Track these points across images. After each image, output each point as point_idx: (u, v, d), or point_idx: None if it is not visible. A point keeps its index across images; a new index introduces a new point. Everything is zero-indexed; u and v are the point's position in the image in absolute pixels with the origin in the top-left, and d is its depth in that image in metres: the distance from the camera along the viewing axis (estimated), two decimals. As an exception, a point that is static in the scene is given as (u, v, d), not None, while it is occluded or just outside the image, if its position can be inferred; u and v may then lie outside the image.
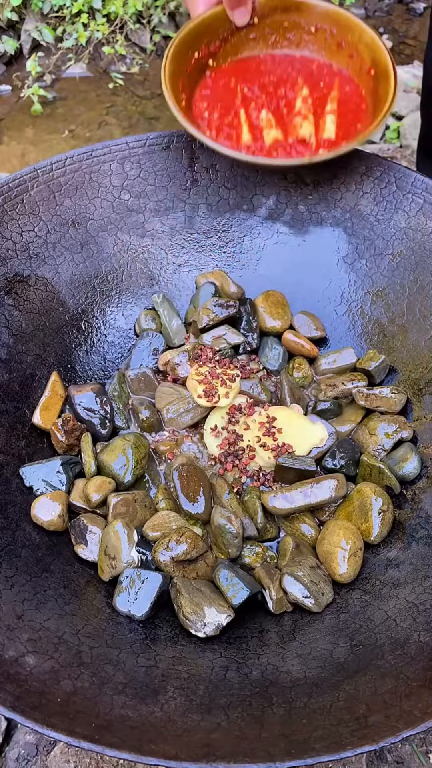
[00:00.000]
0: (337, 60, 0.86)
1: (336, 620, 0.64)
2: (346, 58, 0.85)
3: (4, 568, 0.62)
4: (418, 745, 0.72)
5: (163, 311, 0.88)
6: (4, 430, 0.74)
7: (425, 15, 2.63)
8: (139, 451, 0.74)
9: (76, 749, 0.70)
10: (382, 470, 0.72)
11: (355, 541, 0.68)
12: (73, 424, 0.76)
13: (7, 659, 0.53)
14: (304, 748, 0.47)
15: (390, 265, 0.85)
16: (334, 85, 0.84)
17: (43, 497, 0.70)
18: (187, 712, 0.52)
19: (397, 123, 1.99)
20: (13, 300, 0.80)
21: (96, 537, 0.69)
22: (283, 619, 0.65)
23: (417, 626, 0.59)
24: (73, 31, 2.34)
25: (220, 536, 0.68)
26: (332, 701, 0.53)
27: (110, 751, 0.47)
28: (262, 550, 0.70)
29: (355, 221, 0.87)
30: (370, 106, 0.82)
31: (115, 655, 0.58)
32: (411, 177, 0.83)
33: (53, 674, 0.53)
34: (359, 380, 0.82)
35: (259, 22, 0.84)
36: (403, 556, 0.68)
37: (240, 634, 0.64)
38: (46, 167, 0.83)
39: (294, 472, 0.73)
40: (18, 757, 0.71)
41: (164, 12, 2.34)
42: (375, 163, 0.85)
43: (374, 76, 0.82)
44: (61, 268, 0.84)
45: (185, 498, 0.70)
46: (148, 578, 0.63)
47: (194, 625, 0.62)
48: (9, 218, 0.81)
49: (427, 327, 0.80)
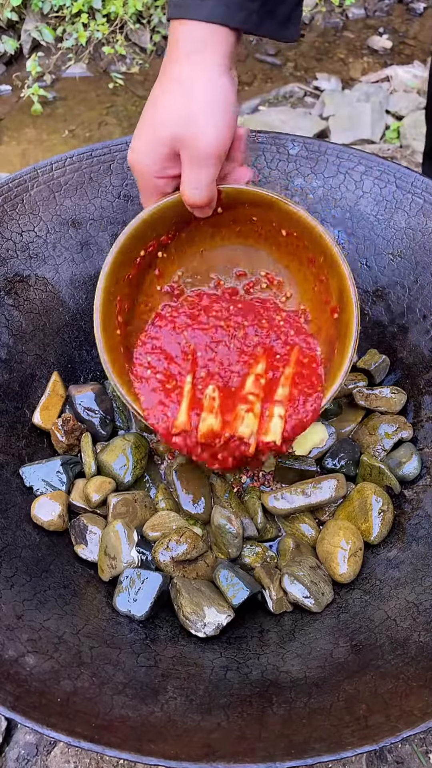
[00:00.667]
0: (303, 276, 0.73)
1: (336, 620, 0.64)
2: (312, 277, 0.72)
3: (4, 568, 0.62)
4: (418, 745, 0.72)
5: (163, 311, 0.88)
6: (4, 430, 0.74)
7: (425, 15, 2.63)
8: (139, 451, 0.74)
9: (76, 749, 0.70)
10: (382, 470, 0.72)
11: (355, 541, 0.68)
12: (73, 424, 0.76)
13: (7, 659, 0.53)
14: (304, 748, 0.47)
15: (390, 265, 0.85)
16: (290, 359, 0.70)
17: (43, 497, 0.70)
18: (187, 712, 0.52)
19: (397, 123, 1.99)
20: (13, 300, 0.80)
21: (96, 537, 0.69)
22: (283, 619, 0.65)
23: (417, 626, 0.59)
24: (73, 31, 2.34)
25: (220, 536, 0.68)
26: (332, 701, 0.53)
27: (110, 751, 0.47)
28: (262, 550, 0.70)
29: (355, 221, 0.87)
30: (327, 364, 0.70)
31: (115, 655, 0.58)
32: (411, 177, 0.83)
33: (53, 674, 0.53)
34: (359, 380, 0.82)
35: (223, 212, 0.69)
36: (403, 556, 0.68)
37: (240, 634, 0.64)
38: (46, 167, 0.83)
39: (294, 472, 0.73)
40: (18, 757, 0.71)
41: (164, 12, 2.34)
42: (375, 163, 0.85)
43: (336, 320, 0.69)
44: (61, 268, 0.84)
45: (185, 498, 0.70)
46: (148, 578, 0.63)
47: (194, 625, 0.62)
48: (9, 218, 0.81)
49: (427, 327, 0.80)
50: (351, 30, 2.62)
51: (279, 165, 0.90)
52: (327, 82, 2.37)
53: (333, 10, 2.65)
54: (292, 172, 0.89)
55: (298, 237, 0.69)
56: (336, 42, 2.58)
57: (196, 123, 0.58)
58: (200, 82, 0.58)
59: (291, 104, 2.30)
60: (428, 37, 2.54)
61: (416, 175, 0.83)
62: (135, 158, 0.62)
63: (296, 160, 0.89)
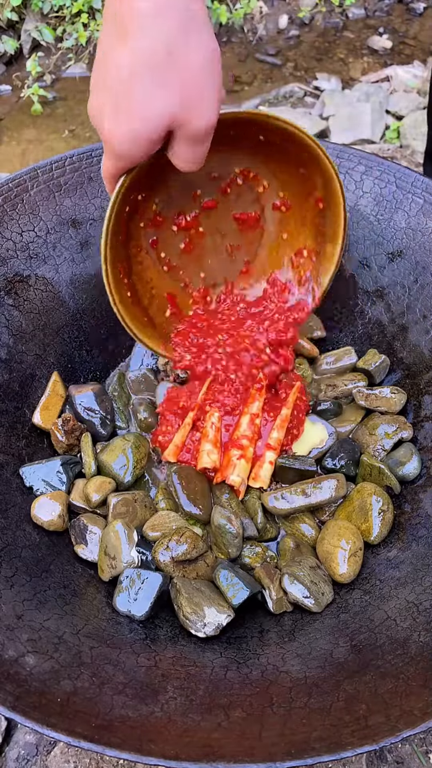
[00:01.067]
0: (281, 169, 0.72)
1: (336, 620, 0.64)
2: (292, 169, 0.71)
3: (4, 568, 0.62)
4: (418, 745, 0.72)
5: (163, 311, 0.88)
6: (4, 430, 0.74)
7: (425, 15, 2.64)
8: (139, 451, 0.74)
9: (76, 749, 0.70)
10: (382, 470, 0.72)
11: (355, 541, 0.68)
12: (73, 424, 0.76)
13: (7, 659, 0.53)
14: (304, 748, 0.47)
15: (390, 265, 0.85)
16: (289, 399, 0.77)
17: (43, 497, 0.70)
18: (187, 712, 0.52)
19: (397, 123, 1.99)
20: (13, 300, 0.80)
21: (96, 537, 0.69)
22: (283, 619, 0.65)
23: (417, 626, 0.59)
24: (73, 31, 2.34)
25: (220, 536, 0.68)
26: (332, 701, 0.53)
27: (110, 751, 0.47)
28: (262, 550, 0.70)
29: (355, 221, 0.87)
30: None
31: (115, 655, 0.58)
32: (411, 177, 0.83)
33: (53, 674, 0.53)
34: (359, 380, 0.82)
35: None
36: (403, 556, 0.68)
37: (240, 634, 0.64)
38: (46, 167, 0.83)
39: (294, 472, 0.73)
40: (18, 757, 0.71)
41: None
42: (375, 163, 0.85)
43: (322, 210, 0.72)
44: (61, 268, 0.84)
45: (185, 498, 0.70)
46: (148, 578, 0.63)
47: (194, 625, 0.62)
48: (9, 218, 0.81)
49: (427, 327, 0.80)
50: (351, 30, 2.62)
51: (279, 165, 0.90)
52: (327, 82, 2.37)
53: (333, 10, 2.65)
54: (292, 172, 0.90)
55: (279, 141, 0.68)
56: (336, 42, 2.58)
57: (194, 104, 0.52)
58: (189, 49, 0.50)
59: (291, 104, 2.31)
60: (428, 37, 2.54)
61: (416, 175, 0.83)
62: (123, 150, 0.54)
63: (296, 160, 0.89)
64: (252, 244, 0.79)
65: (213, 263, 0.79)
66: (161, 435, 0.77)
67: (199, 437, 0.75)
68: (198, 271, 0.79)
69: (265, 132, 0.67)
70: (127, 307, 0.71)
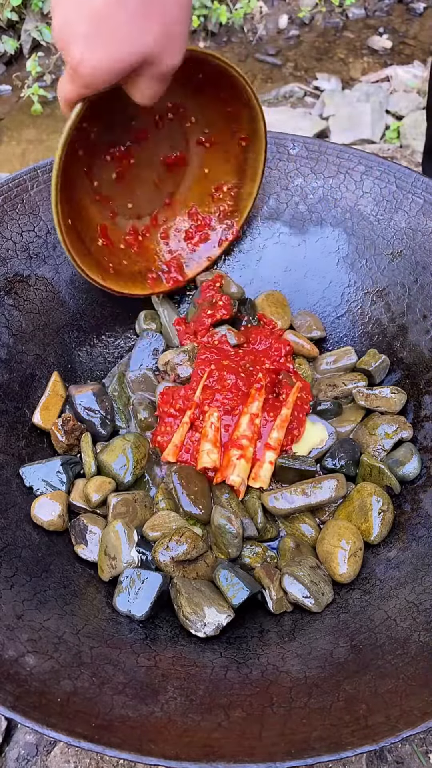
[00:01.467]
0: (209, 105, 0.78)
1: (336, 620, 0.64)
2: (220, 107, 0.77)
3: (4, 568, 0.62)
4: (418, 745, 0.72)
5: (163, 311, 0.88)
6: (4, 430, 0.74)
7: (425, 15, 2.64)
8: (139, 451, 0.74)
9: (76, 749, 0.70)
10: (382, 470, 0.72)
11: (355, 541, 0.68)
12: (73, 424, 0.76)
13: (7, 659, 0.53)
14: (304, 748, 0.47)
15: (390, 265, 0.85)
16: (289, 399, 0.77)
17: (43, 497, 0.70)
18: (187, 712, 0.52)
19: (397, 123, 1.99)
20: (13, 300, 0.80)
21: (96, 537, 0.69)
22: (283, 619, 0.65)
23: (417, 626, 0.59)
24: (73, 31, 2.34)
25: (220, 536, 0.68)
26: (332, 701, 0.53)
27: (110, 751, 0.47)
28: (262, 550, 0.70)
29: (355, 221, 0.87)
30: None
31: (115, 655, 0.58)
32: (411, 177, 0.83)
33: (53, 674, 0.53)
34: (359, 380, 0.82)
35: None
36: (403, 556, 0.68)
37: (240, 634, 0.64)
38: (46, 167, 0.83)
39: (294, 472, 0.73)
40: (18, 757, 0.71)
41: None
42: (375, 163, 0.85)
43: (245, 148, 0.80)
44: (61, 268, 0.84)
45: (185, 498, 0.70)
46: (148, 578, 0.63)
47: (194, 625, 0.62)
48: (9, 218, 0.81)
49: (427, 327, 0.80)
50: (351, 30, 2.62)
51: (279, 165, 0.90)
52: (327, 82, 2.37)
53: (333, 10, 2.65)
54: (292, 172, 0.90)
55: (213, 79, 0.73)
56: (336, 42, 2.58)
57: (169, 42, 0.52)
58: None
59: (291, 104, 2.31)
60: (428, 37, 2.54)
61: (416, 175, 0.83)
62: (92, 78, 0.52)
63: (296, 159, 0.89)
64: (176, 177, 0.84)
65: (140, 194, 0.83)
66: (160, 435, 0.77)
67: (199, 437, 0.75)
68: (126, 202, 0.82)
69: (203, 69, 0.71)
70: (69, 233, 0.73)
